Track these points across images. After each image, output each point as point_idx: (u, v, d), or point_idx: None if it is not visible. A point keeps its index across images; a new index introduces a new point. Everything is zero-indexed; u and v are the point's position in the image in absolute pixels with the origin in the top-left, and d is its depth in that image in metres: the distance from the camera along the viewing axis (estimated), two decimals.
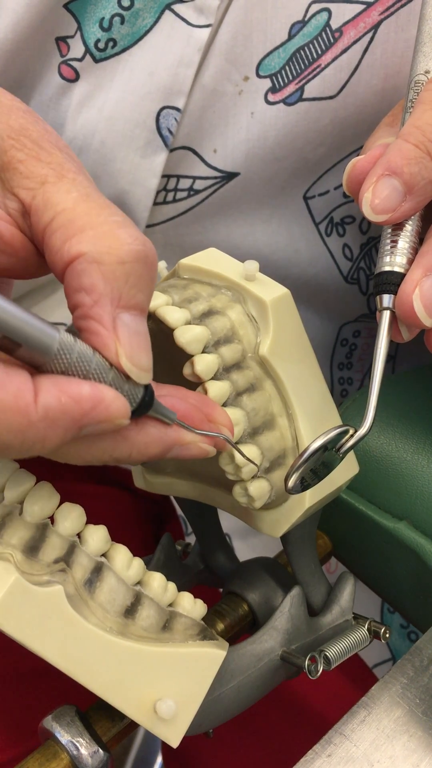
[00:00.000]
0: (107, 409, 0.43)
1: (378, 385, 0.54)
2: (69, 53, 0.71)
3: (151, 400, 0.46)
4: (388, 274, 0.55)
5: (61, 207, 0.44)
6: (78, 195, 0.44)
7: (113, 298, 0.43)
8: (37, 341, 0.42)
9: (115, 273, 0.43)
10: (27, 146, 0.46)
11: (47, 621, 0.49)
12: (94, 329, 0.44)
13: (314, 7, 0.69)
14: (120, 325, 0.44)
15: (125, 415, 0.44)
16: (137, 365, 0.44)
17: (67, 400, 0.42)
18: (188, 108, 0.73)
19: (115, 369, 0.44)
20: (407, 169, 0.54)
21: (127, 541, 0.54)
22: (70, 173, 0.45)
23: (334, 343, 0.92)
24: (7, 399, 0.41)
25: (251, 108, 0.72)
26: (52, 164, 0.45)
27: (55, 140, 0.47)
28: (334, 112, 0.72)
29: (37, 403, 0.42)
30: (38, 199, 0.45)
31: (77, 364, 0.43)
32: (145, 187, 0.75)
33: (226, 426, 0.50)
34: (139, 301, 0.44)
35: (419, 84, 0.58)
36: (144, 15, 0.69)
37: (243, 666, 0.58)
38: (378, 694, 0.56)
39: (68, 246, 0.43)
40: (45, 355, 0.43)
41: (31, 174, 0.45)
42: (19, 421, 0.41)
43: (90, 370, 0.44)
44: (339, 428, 0.52)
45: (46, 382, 0.42)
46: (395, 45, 0.70)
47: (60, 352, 0.43)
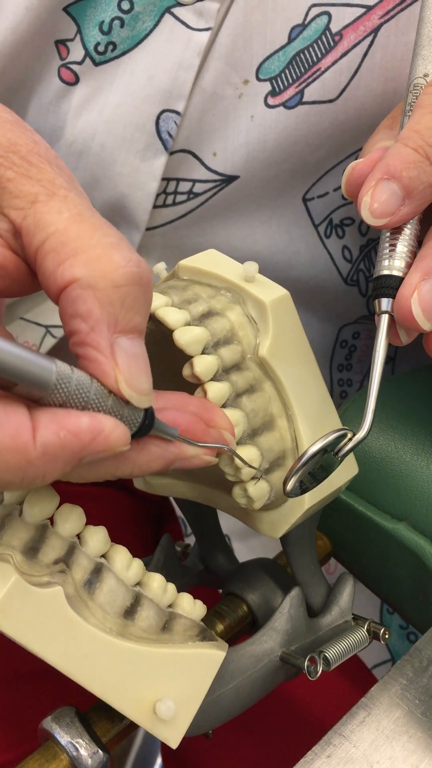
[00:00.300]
0: (107, 439, 0.43)
1: (376, 389, 0.54)
2: (69, 56, 0.71)
3: (151, 422, 0.46)
4: (386, 277, 0.55)
5: (53, 229, 0.43)
6: (69, 215, 0.43)
7: (110, 323, 0.43)
8: (33, 377, 0.42)
9: (111, 297, 0.43)
10: (16, 163, 0.45)
11: (47, 622, 0.48)
12: (92, 357, 0.43)
13: (314, 10, 0.68)
14: (118, 350, 0.43)
15: (125, 442, 0.44)
16: (137, 390, 0.44)
17: (66, 435, 0.42)
18: (188, 111, 0.72)
19: (113, 395, 0.44)
20: (406, 173, 0.54)
21: (126, 542, 0.54)
22: (61, 190, 0.44)
23: (334, 345, 0.92)
24: (5, 440, 0.41)
25: (251, 111, 0.72)
26: (42, 181, 0.44)
27: (44, 152, 0.46)
28: (334, 115, 0.72)
29: (36, 441, 0.41)
30: (29, 220, 0.44)
31: (76, 394, 0.43)
32: (145, 191, 0.75)
33: (228, 429, 0.50)
34: (136, 323, 0.44)
35: (418, 87, 0.58)
36: (144, 18, 0.69)
37: (242, 667, 0.58)
38: (377, 695, 0.56)
39: (61, 270, 0.43)
40: (43, 390, 0.42)
41: (20, 193, 0.44)
42: (18, 460, 0.41)
43: (89, 398, 0.43)
44: (337, 432, 0.52)
45: (44, 417, 0.42)
46: (395, 49, 0.70)
47: (58, 383, 0.42)
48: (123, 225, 0.78)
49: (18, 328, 0.86)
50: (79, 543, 0.52)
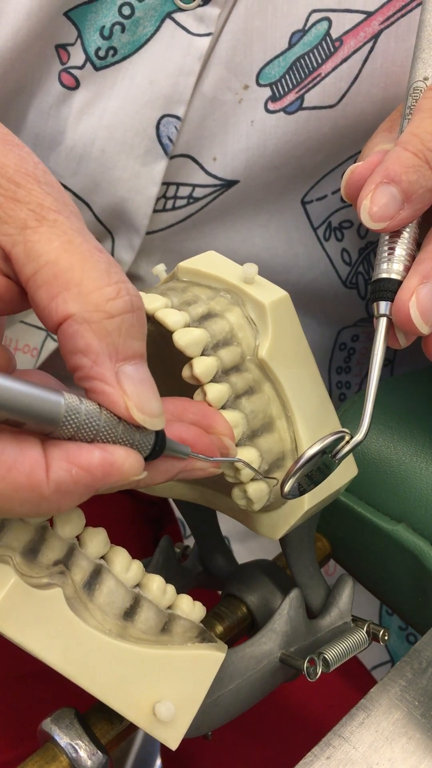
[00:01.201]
0: (120, 470, 0.43)
1: (374, 392, 0.53)
2: (69, 61, 0.70)
3: (163, 443, 0.46)
4: (385, 281, 0.55)
5: (44, 260, 0.43)
6: (59, 244, 0.43)
7: (111, 353, 0.43)
8: (43, 415, 0.42)
9: (107, 329, 0.42)
10: (3, 186, 0.44)
11: (46, 623, 0.48)
12: (99, 389, 0.43)
13: (314, 16, 0.68)
14: (123, 378, 0.43)
15: (139, 470, 0.44)
16: (149, 414, 0.44)
17: (78, 471, 0.42)
18: (188, 116, 0.72)
19: (123, 421, 0.44)
20: (405, 177, 0.53)
21: (125, 543, 0.54)
22: (51, 214, 0.44)
23: (333, 348, 0.91)
24: (19, 478, 0.41)
25: (251, 116, 0.72)
26: (30, 204, 0.44)
27: (32, 169, 0.45)
28: (334, 121, 0.72)
29: (49, 479, 0.42)
30: (19, 248, 0.43)
31: (86, 425, 0.43)
32: (145, 195, 0.75)
33: (228, 435, 0.50)
34: (136, 349, 0.44)
35: (418, 90, 0.58)
36: (144, 23, 0.69)
37: (242, 668, 0.58)
38: (377, 697, 0.55)
39: (55, 305, 0.42)
40: (53, 425, 0.42)
41: (9, 218, 0.43)
42: (32, 497, 0.42)
43: (99, 427, 0.43)
44: (335, 434, 0.52)
45: (56, 452, 0.42)
46: (395, 55, 0.70)
47: (67, 417, 0.42)
48: (123, 229, 0.78)
49: (18, 332, 0.85)
50: (79, 544, 0.51)
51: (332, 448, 0.52)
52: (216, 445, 0.49)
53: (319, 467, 0.52)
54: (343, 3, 0.68)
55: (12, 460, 0.41)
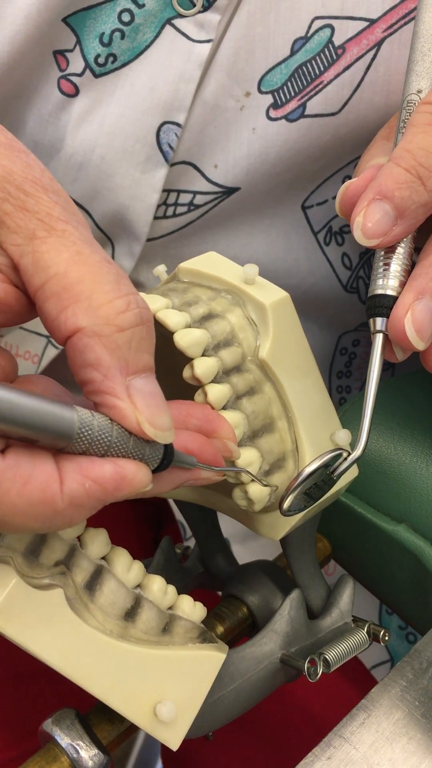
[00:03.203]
0: (130, 484, 0.43)
1: (371, 407, 0.53)
2: (68, 68, 0.70)
3: (171, 455, 0.46)
4: (380, 297, 0.54)
5: (53, 272, 0.42)
6: (69, 255, 0.43)
7: (121, 367, 0.43)
8: (57, 431, 0.41)
9: (118, 342, 0.42)
10: (12, 194, 0.43)
11: (47, 624, 0.48)
12: (110, 403, 0.43)
13: (317, 23, 0.67)
14: (134, 392, 0.43)
15: (147, 483, 0.44)
16: (159, 427, 0.44)
17: (91, 485, 0.42)
18: (189, 123, 0.71)
19: (134, 435, 0.44)
20: (398, 194, 0.53)
21: (126, 544, 0.54)
22: (59, 224, 0.43)
23: (333, 352, 0.91)
24: (35, 493, 0.41)
25: (253, 124, 0.71)
26: (39, 214, 0.43)
27: (39, 177, 0.45)
28: (335, 128, 0.72)
29: (63, 492, 0.42)
30: (27, 259, 0.43)
31: (98, 439, 0.43)
32: (146, 202, 0.74)
33: (231, 440, 0.50)
34: (146, 362, 0.44)
35: (412, 104, 0.57)
36: (144, 30, 0.68)
37: (243, 669, 0.58)
38: (377, 697, 0.55)
39: (64, 318, 0.42)
40: (66, 440, 0.42)
41: (18, 228, 0.43)
42: (46, 511, 0.42)
43: (111, 441, 0.43)
44: (333, 451, 0.52)
45: (69, 467, 0.42)
46: (398, 62, 0.69)
47: (81, 432, 0.42)
48: (123, 236, 0.77)
49: (18, 338, 0.85)
50: (80, 545, 0.51)
51: (330, 464, 0.52)
52: (220, 450, 0.49)
53: (316, 483, 0.52)
54: (345, 10, 0.67)
55: (27, 474, 0.41)
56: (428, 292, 0.53)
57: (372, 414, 0.53)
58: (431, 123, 0.55)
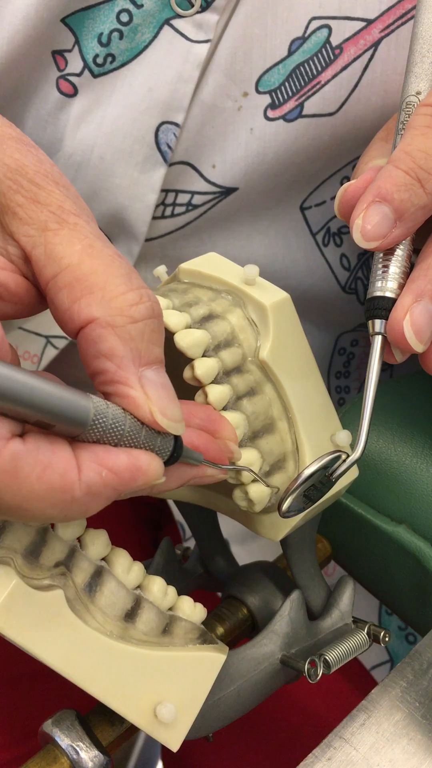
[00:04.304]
0: (145, 475, 0.44)
1: (370, 410, 0.53)
2: (67, 68, 0.70)
3: (180, 449, 0.46)
4: (379, 299, 0.54)
5: (66, 263, 0.43)
6: (81, 248, 0.43)
7: (134, 358, 0.43)
8: (73, 417, 0.42)
9: (131, 333, 0.43)
10: (24, 187, 0.44)
11: (47, 625, 0.48)
12: (123, 393, 0.43)
13: (314, 23, 0.67)
14: (146, 383, 0.44)
15: (160, 474, 0.45)
16: (172, 418, 0.44)
17: (108, 474, 0.43)
18: (187, 123, 0.71)
19: (146, 426, 0.44)
20: (397, 196, 0.53)
21: (126, 545, 0.54)
22: (71, 217, 0.44)
23: (332, 353, 0.91)
24: (54, 479, 0.41)
25: (250, 124, 0.71)
26: (51, 206, 0.44)
27: (50, 171, 0.45)
28: (333, 128, 0.71)
29: (81, 480, 0.42)
30: (39, 250, 0.43)
31: (112, 428, 0.43)
32: (144, 202, 0.74)
33: (233, 440, 0.50)
34: (157, 354, 0.44)
35: (411, 105, 0.57)
36: (143, 30, 0.68)
37: (243, 670, 0.57)
38: (378, 698, 0.55)
39: (77, 308, 0.43)
40: (81, 428, 0.42)
41: (30, 220, 0.44)
42: (64, 499, 0.42)
43: (124, 432, 0.43)
44: (332, 453, 0.52)
45: (86, 456, 0.43)
46: (395, 63, 0.69)
47: (95, 420, 0.42)
48: (122, 236, 0.77)
49: (17, 338, 0.85)
50: (80, 546, 0.51)
51: (329, 466, 0.52)
52: (220, 448, 0.49)
53: (315, 485, 0.52)
54: (343, 10, 0.67)
55: (47, 460, 0.41)
56: (427, 294, 0.53)
57: (371, 415, 0.53)
58: (430, 125, 0.54)
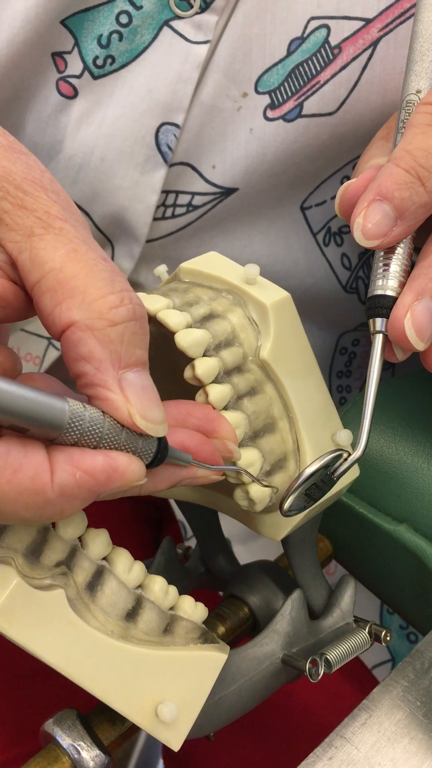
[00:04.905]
0: (122, 476, 0.43)
1: (371, 408, 0.53)
2: (67, 69, 0.69)
3: (165, 451, 0.46)
4: (380, 297, 0.54)
5: (49, 267, 0.43)
6: (65, 252, 0.43)
7: (113, 360, 0.43)
8: (47, 421, 0.42)
9: (110, 336, 0.43)
10: (11, 193, 0.44)
11: (48, 624, 0.48)
12: (102, 395, 0.43)
13: (313, 23, 0.67)
14: (126, 385, 0.43)
15: (140, 476, 0.44)
16: (151, 420, 0.44)
17: (82, 476, 0.42)
18: (187, 124, 0.71)
19: (126, 428, 0.44)
20: (398, 194, 0.53)
21: (127, 544, 0.53)
22: (57, 222, 0.44)
23: (333, 352, 0.91)
24: (25, 481, 0.41)
25: (250, 124, 0.71)
26: (37, 212, 0.44)
27: (39, 178, 0.45)
28: (333, 128, 0.71)
29: (54, 482, 0.42)
30: (24, 255, 0.43)
31: (89, 431, 0.43)
32: (145, 203, 0.74)
33: (232, 440, 0.50)
34: (139, 356, 0.44)
35: (411, 104, 0.57)
36: (142, 32, 0.68)
37: (244, 669, 0.57)
38: (379, 697, 0.55)
39: (59, 312, 0.43)
40: (57, 431, 0.42)
41: (16, 225, 0.44)
42: (36, 501, 0.42)
43: (103, 434, 0.43)
44: (333, 452, 0.52)
45: (60, 457, 0.42)
46: (394, 62, 0.69)
47: (71, 423, 0.42)
48: (123, 238, 0.77)
49: (19, 340, 0.85)
50: (81, 546, 0.51)
51: (330, 465, 0.52)
52: (220, 450, 0.49)
53: (316, 484, 0.52)
54: (341, 10, 0.67)
55: (17, 462, 0.41)
56: (428, 293, 0.53)
57: (372, 415, 0.53)
58: (431, 124, 0.54)
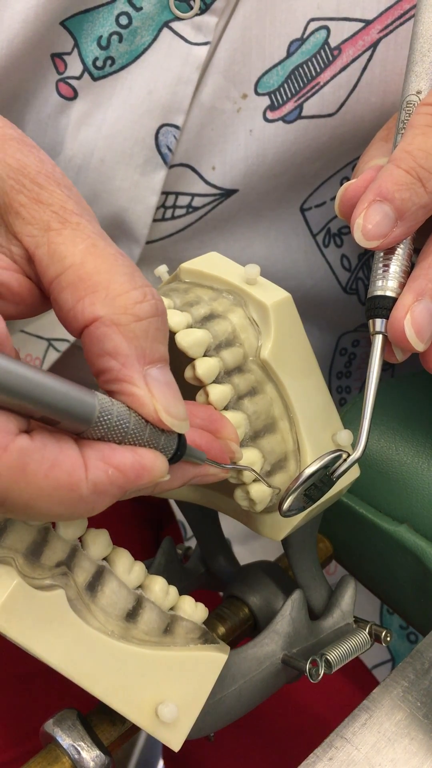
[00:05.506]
0: (150, 473, 0.44)
1: (371, 409, 0.53)
2: (66, 71, 0.69)
3: (184, 448, 0.46)
4: (380, 298, 0.54)
5: (69, 262, 0.43)
6: (84, 247, 0.43)
7: (139, 356, 0.43)
8: (78, 414, 0.42)
9: (135, 332, 0.43)
10: (27, 187, 0.44)
11: (49, 625, 0.48)
12: (128, 391, 0.43)
13: (313, 24, 0.67)
14: (151, 381, 0.43)
15: (165, 473, 0.44)
16: (176, 416, 0.44)
17: (114, 472, 0.42)
18: (187, 125, 0.71)
19: (150, 424, 0.44)
20: (398, 195, 0.53)
21: (127, 545, 0.53)
22: (74, 216, 0.44)
23: (333, 353, 0.91)
24: (62, 477, 0.41)
25: (250, 126, 0.71)
26: (53, 206, 0.44)
27: (51, 172, 0.45)
28: (332, 129, 0.71)
29: (88, 479, 0.42)
30: (42, 250, 0.43)
31: (117, 426, 0.43)
32: (145, 205, 0.74)
33: (234, 441, 0.50)
34: (162, 353, 0.44)
35: (411, 104, 0.57)
36: (142, 33, 0.67)
37: (244, 669, 0.57)
38: (379, 698, 0.55)
39: (81, 307, 0.42)
40: (86, 425, 0.42)
41: (33, 220, 0.44)
42: (71, 497, 0.42)
43: (129, 430, 0.43)
44: (333, 453, 0.52)
45: (92, 454, 0.42)
46: (394, 63, 0.69)
47: (100, 417, 0.42)
48: (123, 239, 0.77)
49: (19, 341, 0.84)
50: (81, 546, 0.51)
51: (330, 466, 0.52)
52: (224, 450, 0.49)
53: (315, 484, 0.52)
54: (341, 11, 0.67)
55: (54, 457, 0.41)
56: (428, 294, 0.52)
57: (371, 415, 0.53)
58: (431, 124, 0.54)
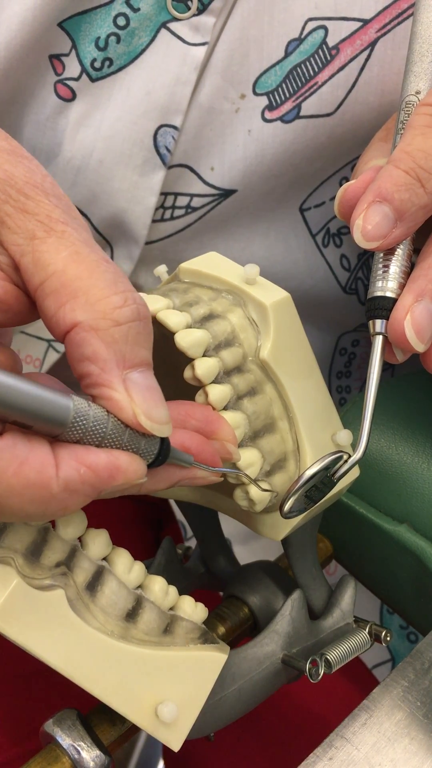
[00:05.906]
0: (124, 474, 0.44)
1: (371, 409, 0.53)
2: (64, 72, 0.69)
3: (167, 451, 0.46)
4: (380, 299, 0.54)
5: (52, 269, 0.43)
6: (67, 254, 0.43)
7: (118, 360, 0.43)
8: (51, 417, 0.42)
9: (114, 336, 0.43)
10: (13, 197, 0.44)
11: (48, 625, 0.48)
12: (107, 395, 0.43)
13: (310, 24, 0.67)
14: (131, 385, 0.43)
15: (141, 475, 0.45)
16: (156, 420, 0.44)
17: (86, 471, 0.43)
18: (185, 126, 0.71)
19: (130, 428, 0.44)
20: (398, 196, 0.53)
21: (127, 545, 0.53)
22: (59, 225, 0.44)
23: (333, 353, 0.91)
24: (31, 475, 0.41)
25: (248, 126, 0.71)
26: (39, 215, 0.44)
27: (40, 181, 0.45)
28: (331, 129, 0.71)
29: (58, 477, 0.42)
30: (27, 258, 0.43)
31: (93, 429, 0.43)
32: (144, 205, 0.74)
33: (231, 441, 0.50)
34: (143, 357, 0.44)
35: (410, 105, 0.57)
36: (140, 34, 0.67)
37: (244, 669, 0.57)
38: (379, 697, 0.55)
39: (62, 313, 0.43)
40: (60, 428, 0.42)
41: (18, 229, 0.44)
42: (41, 495, 0.42)
43: (106, 433, 0.43)
44: (334, 454, 0.52)
45: (65, 453, 0.43)
46: (392, 62, 0.69)
47: (75, 421, 0.42)
48: (122, 240, 0.77)
49: (20, 342, 0.84)
50: (81, 546, 0.50)
51: (330, 467, 0.52)
52: (219, 451, 0.49)
53: (316, 485, 0.52)
54: (339, 11, 0.67)
55: (24, 456, 0.41)
56: (428, 294, 0.52)
57: (372, 416, 0.53)
58: (430, 125, 0.54)
